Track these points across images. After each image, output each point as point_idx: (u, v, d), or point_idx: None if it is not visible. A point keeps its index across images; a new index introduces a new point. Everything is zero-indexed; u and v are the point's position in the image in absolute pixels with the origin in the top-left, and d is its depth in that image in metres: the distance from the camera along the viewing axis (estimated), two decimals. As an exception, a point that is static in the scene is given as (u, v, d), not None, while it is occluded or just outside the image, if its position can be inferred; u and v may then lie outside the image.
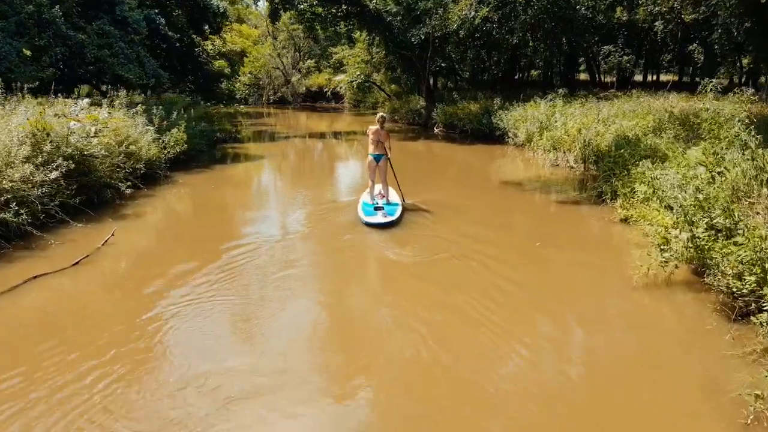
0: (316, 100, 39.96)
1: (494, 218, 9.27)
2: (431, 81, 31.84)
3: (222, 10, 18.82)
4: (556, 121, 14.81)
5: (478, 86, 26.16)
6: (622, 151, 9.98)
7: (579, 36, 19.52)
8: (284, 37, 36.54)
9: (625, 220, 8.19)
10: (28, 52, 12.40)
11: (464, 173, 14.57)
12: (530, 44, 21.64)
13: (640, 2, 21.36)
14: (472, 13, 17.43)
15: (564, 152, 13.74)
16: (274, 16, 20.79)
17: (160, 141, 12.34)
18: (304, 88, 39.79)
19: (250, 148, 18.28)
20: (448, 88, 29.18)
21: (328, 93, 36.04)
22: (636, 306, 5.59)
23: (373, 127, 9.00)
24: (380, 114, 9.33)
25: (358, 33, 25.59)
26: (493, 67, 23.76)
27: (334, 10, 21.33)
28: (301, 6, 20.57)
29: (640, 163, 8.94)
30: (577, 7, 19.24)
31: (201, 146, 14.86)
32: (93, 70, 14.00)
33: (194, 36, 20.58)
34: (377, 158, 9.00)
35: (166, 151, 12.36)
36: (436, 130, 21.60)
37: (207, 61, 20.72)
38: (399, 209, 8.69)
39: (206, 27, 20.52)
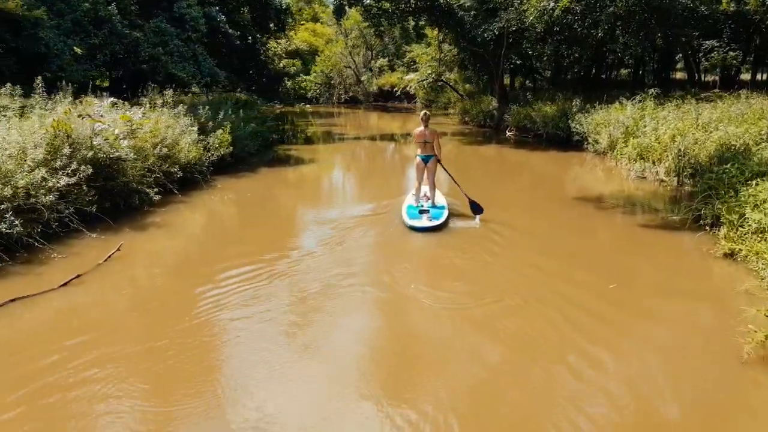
0: (387, 100, 39.03)
1: (567, 243, 7.65)
2: (507, 80, 30.06)
3: (284, 7, 18.17)
4: (644, 126, 12.85)
5: (560, 86, 24.14)
6: (728, 166, 8.09)
7: (677, 29, 17.13)
8: (355, 35, 35.83)
9: (730, 255, 6.46)
10: (80, 50, 12.19)
11: (536, 183, 12.97)
12: (620, 39, 19.47)
13: (752, -10, 18.60)
14: (551, 4, 15.67)
15: (653, 162, 11.82)
16: (339, 12, 19.94)
17: (203, 143, 11.76)
18: (376, 88, 38.98)
19: (309, 149, 17.56)
20: (526, 87, 27.29)
21: (398, 92, 34.97)
22: (750, 388, 4.03)
23: (419, 129, 8.44)
24: (424, 112, 8.72)
25: (429, 30, 24.29)
26: (574, 65, 21.58)
27: (402, 5, 20.16)
28: (368, 1, 19.55)
29: (753, 182, 7.13)
30: (676, -5, 16.95)
31: (251, 148, 14.23)
32: (147, 68, 13.68)
33: (259, 34, 20.14)
34: (426, 159, 8.49)
35: (209, 154, 11.75)
36: (508, 134, 19.92)
37: (270, 59, 20.23)
38: (445, 212, 8.22)
39: (271, 25, 20.02)
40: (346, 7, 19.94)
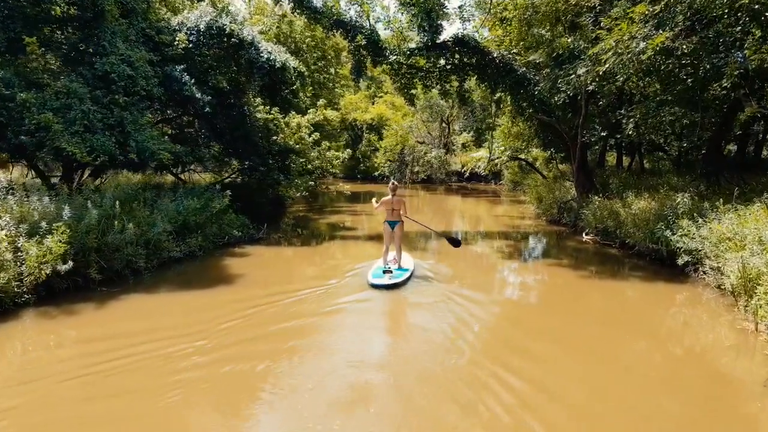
0: (471, 179, 33.49)
1: None
2: (612, 158, 23.39)
3: (278, 66, 13.96)
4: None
5: (690, 168, 17.24)
6: None
7: None
8: (421, 106, 31.13)
9: None
10: None
11: (592, 350, 6.74)
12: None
13: None
14: (641, 45, 9.74)
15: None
16: (357, 71, 15.44)
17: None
18: (460, 165, 33.74)
19: (267, 255, 12.19)
20: (638, 169, 20.36)
21: (467, 172, 29.53)
22: None
23: (387, 197, 9.36)
24: (392, 181, 9.71)
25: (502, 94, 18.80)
26: (684, 136, 14.44)
27: (442, 61, 15.19)
28: (393, 58, 14.81)
29: None
30: None
31: (165, 254, 9.73)
32: (28, 141, 9.90)
33: (266, 103, 16.25)
34: (392, 225, 9.38)
35: (29, 271, 7.38)
36: (585, 238, 13.52)
37: (277, 130, 16.02)
38: (407, 274, 9.10)
39: (284, 89, 16.01)
40: (365, 66, 15.37)
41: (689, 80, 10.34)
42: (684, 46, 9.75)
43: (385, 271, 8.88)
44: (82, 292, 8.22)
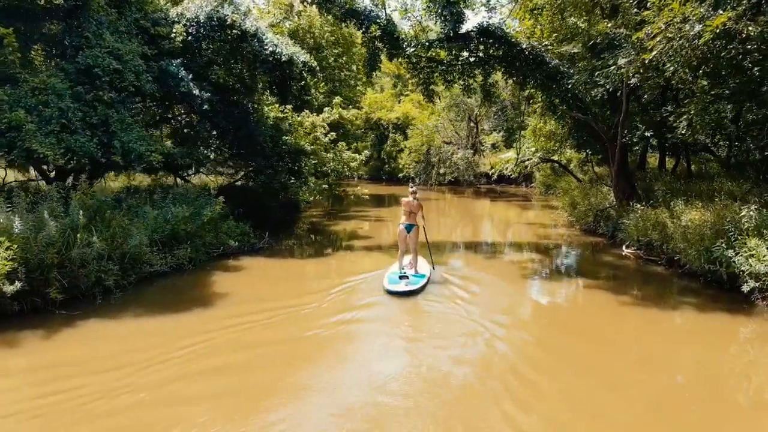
0: (500, 182, 31.75)
1: None
2: (654, 159, 21.52)
3: (284, 59, 12.80)
4: None
5: (739, 171, 15.35)
6: None
7: None
8: (446, 104, 29.57)
9: None
10: None
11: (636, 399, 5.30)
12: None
13: None
14: (696, 27, 8.20)
15: None
16: (371, 64, 14.11)
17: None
18: (488, 167, 32.10)
19: (265, 267, 10.79)
20: (682, 174, 18.45)
21: (494, 175, 27.97)
22: None
23: (406, 199, 9.14)
24: (412, 185, 9.94)
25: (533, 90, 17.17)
26: (742, 135, 12.46)
27: (465, 54, 13.78)
28: (410, 50, 13.44)
29: None
30: None
31: (110, 273, 8.01)
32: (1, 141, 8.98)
33: (280, 101, 15.13)
34: (408, 228, 9.05)
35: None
36: (625, 251, 11.93)
37: (289, 130, 14.85)
38: (424, 281, 8.71)
39: (292, 84, 14.85)
40: (379, 59, 13.99)
41: (756, 69, 8.72)
42: (750, 29, 8.14)
43: (401, 277, 8.70)
44: (40, 315, 7.22)
